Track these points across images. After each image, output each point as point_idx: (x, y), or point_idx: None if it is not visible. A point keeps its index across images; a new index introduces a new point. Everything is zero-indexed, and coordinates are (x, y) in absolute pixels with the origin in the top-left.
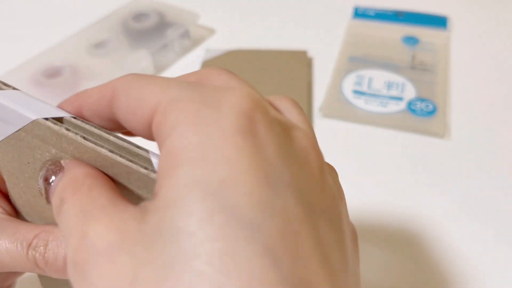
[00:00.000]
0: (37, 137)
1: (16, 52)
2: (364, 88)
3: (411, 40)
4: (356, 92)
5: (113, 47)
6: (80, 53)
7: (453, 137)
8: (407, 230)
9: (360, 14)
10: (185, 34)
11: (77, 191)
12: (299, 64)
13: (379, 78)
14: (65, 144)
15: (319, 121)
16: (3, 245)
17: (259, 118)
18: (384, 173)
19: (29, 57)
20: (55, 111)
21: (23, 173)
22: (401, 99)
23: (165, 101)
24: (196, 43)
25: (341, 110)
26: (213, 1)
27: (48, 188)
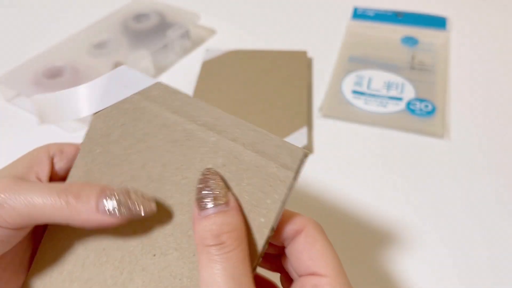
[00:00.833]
0: (149, 98)
1: (17, 52)
2: (363, 88)
3: (410, 40)
4: (355, 92)
5: (113, 48)
6: (80, 54)
7: (452, 137)
8: (406, 229)
9: (359, 14)
10: (185, 34)
11: (238, 245)
12: (299, 64)
13: (379, 78)
14: (179, 103)
15: (319, 121)
16: (40, 190)
17: None
18: (383, 172)
19: (30, 57)
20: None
21: (112, 136)
22: (400, 99)
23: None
24: (196, 43)
25: (341, 110)
26: (213, 1)
27: (200, 196)
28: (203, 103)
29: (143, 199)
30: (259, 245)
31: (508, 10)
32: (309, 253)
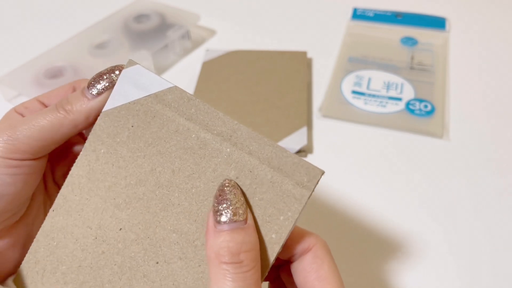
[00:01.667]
0: (163, 102)
1: (18, 52)
2: (363, 88)
3: (410, 41)
4: (355, 92)
5: (114, 48)
6: (81, 54)
7: (452, 137)
8: (406, 229)
9: (359, 15)
10: (186, 35)
11: (255, 265)
12: (299, 64)
13: (378, 78)
14: (194, 110)
15: (318, 121)
16: (39, 114)
17: None
18: (383, 172)
19: (31, 58)
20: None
21: (119, 137)
22: (399, 99)
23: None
24: (196, 43)
25: (341, 110)
26: (213, 2)
27: (219, 208)
28: (220, 113)
29: (111, 68)
30: (268, 261)
31: (507, 10)
32: (317, 273)
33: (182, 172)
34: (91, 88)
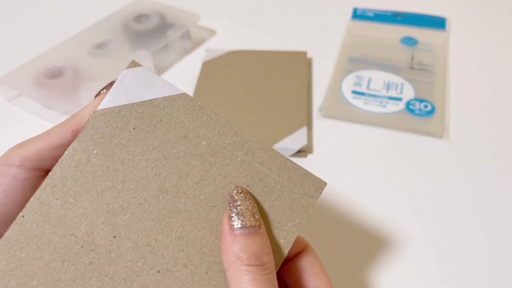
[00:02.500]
0: (172, 107)
1: (18, 52)
2: (363, 88)
3: (409, 41)
4: (355, 92)
5: (114, 48)
6: (81, 54)
7: (451, 137)
8: (405, 229)
9: (359, 15)
10: (186, 34)
11: (273, 270)
12: (299, 64)
13: (378, 78)
14: (205, 118)
15: (318, 121)
16: (48, 133)
17: None
18: (383, 172)
19: (31, 58)
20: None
21: (122, 138)
22: (399, 99)
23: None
24: (196, 43)
25: (340, 110)
26: (213, 2)
27: (234, 214)
28: (232, 123)
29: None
30: (277, 265)
31: (507, 10)
32: (311, 270)
33: (190, 178)
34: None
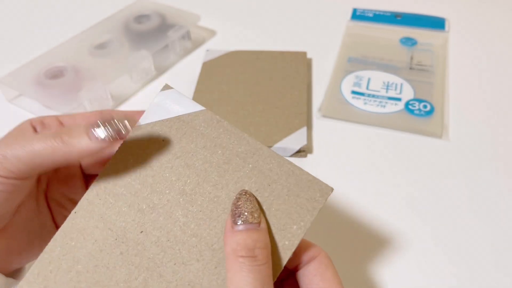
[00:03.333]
0: (194, 122)
1: (19, 53)
2: (362, 88)
3: (409, 41)
4: (354, 92)
5: (114, 48)
6: (82, 54)
7: (451, 137)
8: (405, 229)
9: (358, 15)
10: (186, 35)
11: (267, 261)
12: (298, 65)
13: (378, 78)
14: (222, 130)
15: (318, 121)
16: (36, 137)
17: None
18: (382, 172)
19: (31, 58)
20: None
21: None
22: (399, 99)
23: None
24: (196, 44)
25: (340, 110)
26: (213, 2)
27: (237, 212)
28: (245, 134)
29: (122, 122)
30: (280, 265)
31: (506, 10)
32: (322, 276)
33: (206, 183)
34: (97, 129)
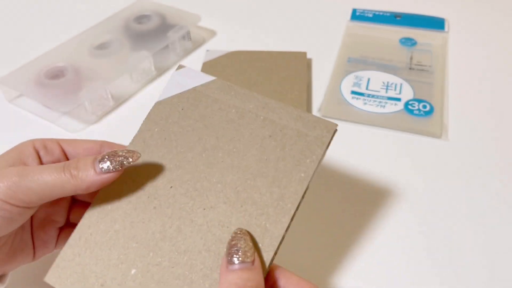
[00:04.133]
0: (208, 90)
1: (19, 53)
2: (362, 89)
3: (409, 41)
4: (354, 92)
5: (115, 48)
6: (82, 54)
7: (450, 137)
8: (404, 228)
9: (358, 15)
10: (186, 35)
11: None
12: (298, 65)
13: (377, 79)
14: (233, 93)
15: None
16: (47, 170)
17: None
18: (382, 172)
19: (32, 58)
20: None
21: (173, 114)
22: (398, 99)
23: None
24: (196, 44)
25: (340, 110)
26: (213, 3)
27: (231, 251)
28: (254, 93)
29: (128, 153)
30: (299, 195)
31: (506, 11)
32: (291, 281)
33: (224, 137)
34: (102, 163)
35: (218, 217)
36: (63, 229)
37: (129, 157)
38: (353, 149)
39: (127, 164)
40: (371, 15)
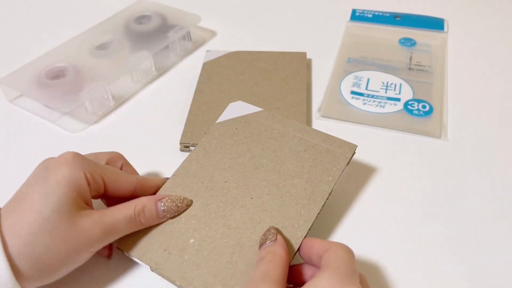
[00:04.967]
0: (256, 117)
1: (20, 53)
2: (362, 89)
3: (408, 41)
4: (354, 93)
5: (115, 49)
6: (83, 54)
7: (450, 137)
8: (404, 228)
9: (358, 16)
10: (186, 36)
11: (272, 260)
12: (298, 65)
13: (377, 79)
14: (276, 119)
15: (317, 122)
16: (121, 214)
17: None
18: (381, 172)
19: (32, 58)
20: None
21: (229, 138)
22: (398, 99)
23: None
24: (197, 44)
25: (339, 110)
26: (214, 3)
27: (263, 243)
28: (293, 121)
29: (182, 199)
30: (327, 191)
31: (505, 11)
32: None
33: (269, 149)
34: (166, 212)
35: (262, 204)
36: None
37: (183, 204)
38: None
39: (181, 209)
40: (370, 16)
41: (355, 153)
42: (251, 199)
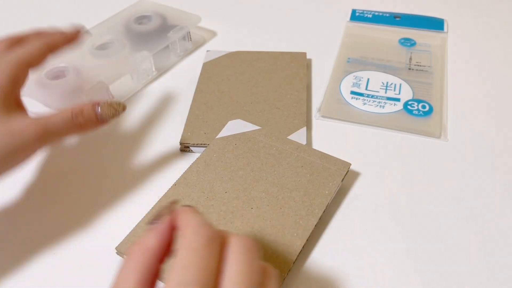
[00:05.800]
0: (255, 134)
1: None
2: (361, 89)
3: (408, 42)
4: (354, 93)
5: (115, 49)
6: (83, 55)
7: (449, 137)
8: (403, 228)
9: (357, 16)
10: (187, 36)
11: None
12: (298, 65)
13: (377, 79)
14: (275, 138)
15: (317, 122)
16: (58, 115)
17: None
18: (381, 173)
19: None
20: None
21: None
22: (398, 100)
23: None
24: (197, 44)
25: (339, 110)
26: (214, 3)
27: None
28: (291, 139)
29: (118, 103)
30: (322, 208)
31: (505, 11)
32: None
33: (268, 164)
34: (104, 115)
35: (262, 214)
36: None
37: (120, 107)
38: (352, 149)
39: (118, 111)
40: (370, 16)
41: (349, 170)
42: (251, 209)
